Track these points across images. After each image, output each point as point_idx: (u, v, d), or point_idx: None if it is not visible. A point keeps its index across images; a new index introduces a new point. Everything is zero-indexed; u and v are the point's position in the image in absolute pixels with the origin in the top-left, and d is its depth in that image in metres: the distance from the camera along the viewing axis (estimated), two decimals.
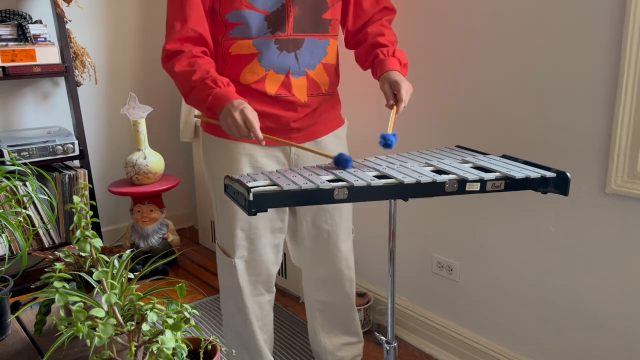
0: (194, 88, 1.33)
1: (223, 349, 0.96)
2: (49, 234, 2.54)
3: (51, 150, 2.48)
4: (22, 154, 2.42)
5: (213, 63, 1.39)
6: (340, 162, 1.23)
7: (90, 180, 2.66)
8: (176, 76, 1.36)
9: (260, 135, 1.26)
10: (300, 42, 1.43)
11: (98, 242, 0.84)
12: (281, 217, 1.59)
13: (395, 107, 1.38)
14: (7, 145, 2.40)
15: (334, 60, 1.53)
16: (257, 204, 1.04)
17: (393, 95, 1.38)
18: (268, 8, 1.37)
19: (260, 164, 1.50)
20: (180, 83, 1.36)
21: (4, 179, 1.12)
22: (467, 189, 1.12)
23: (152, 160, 2.75)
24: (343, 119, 1.66)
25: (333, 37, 1.50)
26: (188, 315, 0.82)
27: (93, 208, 2.71)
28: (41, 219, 2.49)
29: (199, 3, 1.37)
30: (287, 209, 1.61)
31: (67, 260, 1.09)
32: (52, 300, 1.04)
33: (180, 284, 0.86)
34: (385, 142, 1.28)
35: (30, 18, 2.56)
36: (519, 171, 1.16)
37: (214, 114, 1.32)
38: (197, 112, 2.94)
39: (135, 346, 0.81)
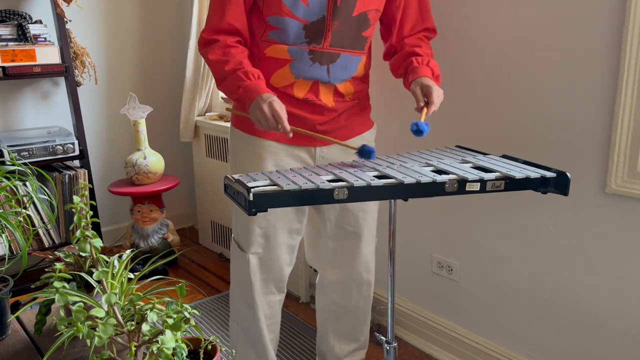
0: (225, 78, 1.37)
1: (223, 349, 0.96)
2: (49, 234, 2.54)
3: (51, 150, 2.48)
4: (22, 154, 2.41)
5: (247, 52, 1.42)
6: (364, 153, 1.25)
7: (90, 180, 2.66)
8: (210, 64, 1.41)
9: (288, 127, 1.28)
10: (335, 57, 1.44)
11: (98, 242, 0.84)
12: (299, 219, 1.59)
13: (425, 110, 1.38)
14: (7, 145, 2.40)
15: (362, 74, 1.53)
16: (257, 204, 1.04)
17: (424, 99, 1.39)
18: (308, 18, 1.38)
19: (284, 163, 1.51)
20: (214, 71, 1.41)
21: (4, 179, 1.12)
22: (467, 189, 1.12)
23: (152, 160, 2.75)
24: (371, 123, 1.66)
25: (366, 54, 1.52)
26: (188, 315, 0.82)
27: (93, 208, 2.71)
28: (41, 219, 2.49)
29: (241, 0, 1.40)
30: (306, 211, 1.61)
31: (67, 260, 1.09)
32: (52, 300, 1.04)
33: (180, 284, 0.86)
34: (418, 129, 1.29)
35: (30, 18, 2.56)
36: (519, 171, 1.16)
37: (243, 105, 1.35)
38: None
39: (135, 346, 0.81)
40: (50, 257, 1.15)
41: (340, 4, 1.38)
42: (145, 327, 0.83)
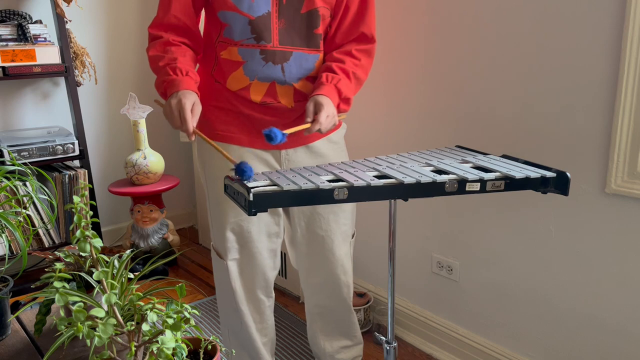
0: (157, 73, 1.35)
1: (223, 349, 0.96)
2: (49, 234, 2.54)
3: (51, 150, 2.48)
4: (22, 154, 2.42)
5: (189, 53, 1.38)
6: (239, 171, 1.12)
7: (90, 180, 2.66)
8: (149, 59, 1.38)
9: (191, 129, 1.23)
10: (288, 55, 1.41)
11: (98, 242, 0.84)
12: (276, 221, 1.57)
13: (308, 125, 1.31)
14: (7, 145, 2.40)
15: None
16: (257, 204, 1.04)
17: (312, 115, 1.32)
18: (253, 12, 1.36)
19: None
20: (151, 67, 1.38)
21: (4, 179, 1.12)
22: (467, 189, 1.12)
23: (152, 160, 2.75)
24: (339, 123, 1.64)
25: (324, 51, 1.48)
26: (188, 315, 0.82)
27: (93, 208, 2.72)
28: (41, 219, 2.49)
29: None
30: (281, 213, 1.59)
31: (67, 260, 1.09)
32: (52, 300, 1.04)
33: (180, 284, 0.86)
34: (269, 134, 1.19)
35: (30, 18, 2.56)
36: (519, 171, 1.16)
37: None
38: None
39: (135, 346, 0.81)
40: (50, 257, 1.15)
41: (287, 1, 1.36)
42: (145, 327, 0.83)
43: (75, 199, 0.81)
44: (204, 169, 1.57)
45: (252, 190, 1.04)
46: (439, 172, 1.18)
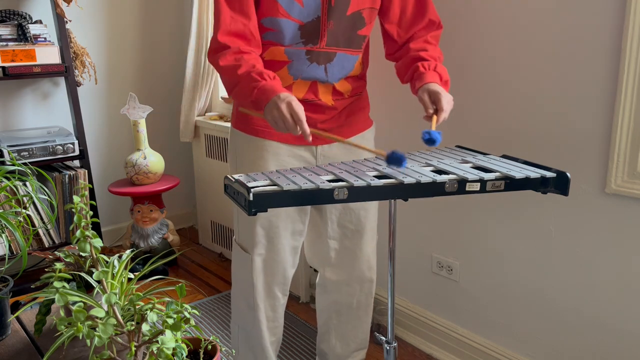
0: (239, 82, 1.30)
1: (223, 349, 0.96)
2: (49, 234, 2.54)
3: (51, 150, 2.48)
4: (22, 154, 2.42)
5: (260, 59, 1.36)
6: (393, 160, 1.15)
7: (90, 180, 2.66)
8: (221, 70, 1.34)
9: (307, 129, 1.20)
10: (332, 56, 1.43)
11: (98, 242, 0.84)
12: (302, 220, 1.58)
13: (435, 117, 1.32)
14: (7, 145, 2.40)
15: (359, 72, 1.52)
16: (257, 204, 1.04)
17: (432, 107, 1.33)
18: (304, 18, 1.37)
19: (286, 163, 1.51)
20: (225, 77, 1.34)
21: (4, 179, 1.12)
22: (467, 189, 1.12)
23: (152, 160, 2.75)
24: (371, 121, 1.65)
25: (363, 52, 1.51)
26: (188, 315, 0.82)
27: (93, 208, 2.71)
28: (41, 219, 2.49)
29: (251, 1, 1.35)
30: (308, 212, 1.60)
31: (67, 260, 1.09)
32: (52, 300, 1.04)
33: (180, 284, 0.86)
34: (430, 137, 1.21)
35: (30, 18, 2.56)
36: (519, 171, 1.16)
37: (259, 107, 1.28)
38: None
39: (135, 346, 0.81)
40: (50, 257, 1.15)
41: (335, 4, 1.37)
42: (145, 327, 0.83)
43: (75, 199, 0.81)
44: (236, 163, 1.56)
45: (252, 190, 1.04)
46: (439, 172, 1.18)
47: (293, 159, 1.52)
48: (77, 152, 2.56)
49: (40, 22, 2.54)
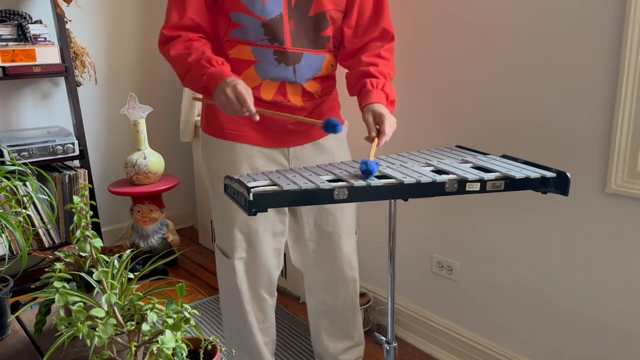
0: (189, 70, 1.33)
1: (223, 349, 0.96)
2: (49, 234, 2.54)
3: (51, 150, 2.48)
4: (22, 154, 2.42)
5: (209, 45, 1.39)
6: (329, 127, 1.22)
7: (90, 180, 2.66)
8: (172, 60, 1.37)
9: (253, 109, 1.25)
10: (300, 57, 1.42)
11: (98, 242, 0.84)
12: (282, 220, 1.58)
13: (376, 140, 1.32)
14: (7, 145, 2.40)
15: (328, 72, 1.51)
16: (257, 204, 1.04)
17: (375, 128, 1.33)
18: (266, 15, 1.37)
19: (259, 166, 1.50)
20: (177, 66, 1.37)
21: (4, 179, 1.12)
22: (467, 189, 1.12)
23: (152, 160, 2.75)
24: (343, 120, 1.65)
25: (330, 52, 1.49)
26: (188, 315, 0.82)
27: (93, 208, 2.72)
28: (41, 219, 2.49)
29: None
30: (287, 211, 1.60)
31: (67, 260, 1.09)
32: (52, 300, 1.04)
33: (180, 284, 0.86)
34: (367, 169, 1.12)
35: (30, 18, 2.56)
36: (519, 171, 1.16)
37: (209, 93, 1.31)
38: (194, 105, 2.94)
39: (135, 346, 0.81)
40: (50, 257, 1.15)
41: (295, 4, 1.38)
42: (145, 327, 0.83)
43: (75, 199, 0.81)
44: (209, 168, 1.57)
45: (252, 190, 1.04)
46: (439, 172, 1.18)
47: (265, 161, 1.51)
48: (77, 152, 2.56)
49: (40, 22, 2.54)
